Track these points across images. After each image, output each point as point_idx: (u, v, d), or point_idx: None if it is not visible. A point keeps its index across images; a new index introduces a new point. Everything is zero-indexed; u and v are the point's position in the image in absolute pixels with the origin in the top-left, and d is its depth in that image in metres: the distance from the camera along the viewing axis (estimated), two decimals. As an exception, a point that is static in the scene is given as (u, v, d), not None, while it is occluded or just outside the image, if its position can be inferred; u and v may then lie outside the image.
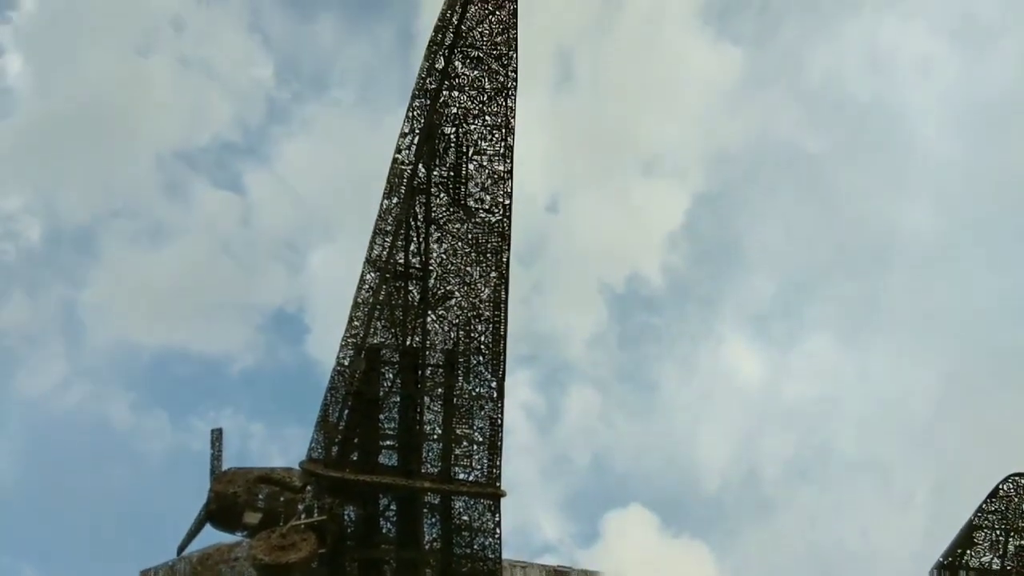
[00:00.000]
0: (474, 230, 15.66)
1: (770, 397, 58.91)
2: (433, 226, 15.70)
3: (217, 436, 19.40)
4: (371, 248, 15.86)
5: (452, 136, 15.80)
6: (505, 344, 15.96)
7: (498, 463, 16.42)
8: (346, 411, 16.70)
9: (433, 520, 17.08)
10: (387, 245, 15.79)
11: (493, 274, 15.67)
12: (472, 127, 15.77)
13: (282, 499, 18.09)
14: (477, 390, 16.25)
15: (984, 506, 17.19)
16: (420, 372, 16.45)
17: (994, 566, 17.03)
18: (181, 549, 18.94)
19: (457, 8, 15.36)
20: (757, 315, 60.07)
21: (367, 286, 16.00)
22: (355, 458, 17.04)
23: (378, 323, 16.25)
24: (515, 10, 15.39)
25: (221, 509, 18.38)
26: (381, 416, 16.81)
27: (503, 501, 16.73)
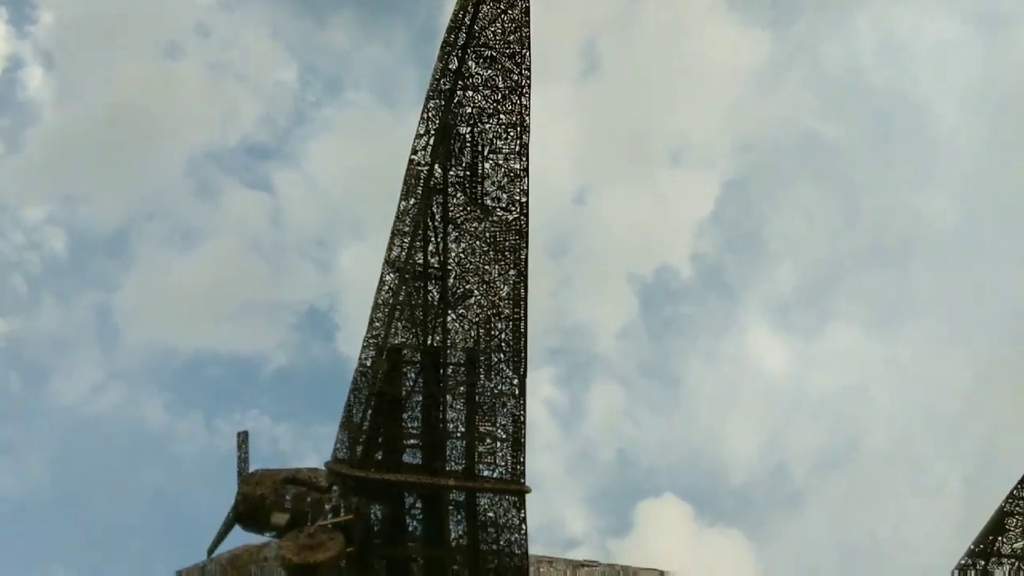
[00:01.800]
0: (492, 228, 15.72)
1: (796, 388, 58.42)
2: (451, 226, 15.78)
3: (243, 439, 19.65)
4: (390, 249, 15.97)
5: (467, 136, 15.85)
6: (526, 341, 16.01)
7: (522, 459, 16.47)
8: (369, 411, 16.82)
9: (459, 517, 17.18)
10: (405, 246, 15.88)
11: (512, 272, 15.71)
12: (487, 126, 15.81)
13: (309, 500, 18.28)
14: (499, 387, 16.31)
15: (1015, 492, 16.96)
16: (442, 371, 16.54)
17: (1026, 553, 16.81)
18: (211, 551, 19.21)
19: (469, 8, 15.40)
20: (781, 305, 59.63)
21: (387, 287, 16.12)
22: (380, 457, 17.18)
23: (399, 323, 16.36)
24: (527, 8, 15.40)
25: (249, 511, 18.61)
26: (404, 415, 16.93)
27: (528, 497, 16.81)
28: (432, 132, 15.88)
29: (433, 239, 15.89)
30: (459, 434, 16.70)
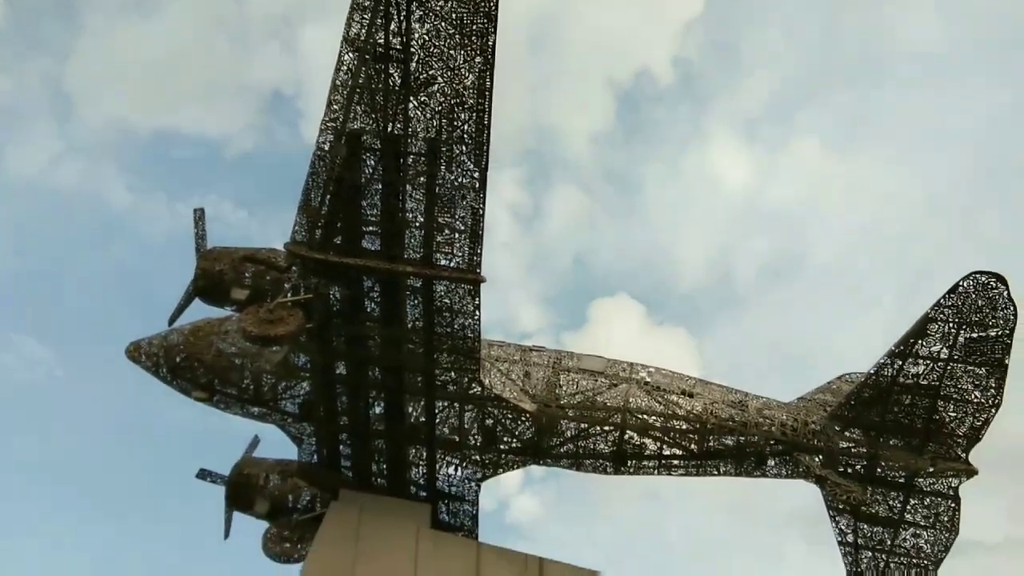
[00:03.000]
0: (459, 9, 14.51)
1: (753, 201, 59.21)
2: (415, 3, 14.54)
3: (200, 215, 19.45)
4: (348, 25, 14.78)
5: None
6: (489, 134, 15.51)
7: (479, 251, 16.67)
8: (328, 196, 16.57)
9: (415, 302, 17.68)
10: (366, 23, 14.69)
11: (478, 59, 14.81)
12: None
13: (268, 278, 18.54)
14: (460, 180, 16.04)
15: (942, 301, 17.87)
16: (402, 160, 16.11)
17: (942, 355, 18.14)
18: (172, 321, 19.68)
19: None
20: (749, 119, 58.60)
21: (345, 68, 15.13)
22: (338, 242, 17.22)
23: (358, 108, 15.60)
24: None
25: (208, 285, 18.86)
26: (363, 202, 16.72)
27: (485, 296, 17.28)
28: None
29: (395, 17, 14.70)
30: (418, 224, 16.66)
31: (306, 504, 21.08)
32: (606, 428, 19.13)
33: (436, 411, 19.20)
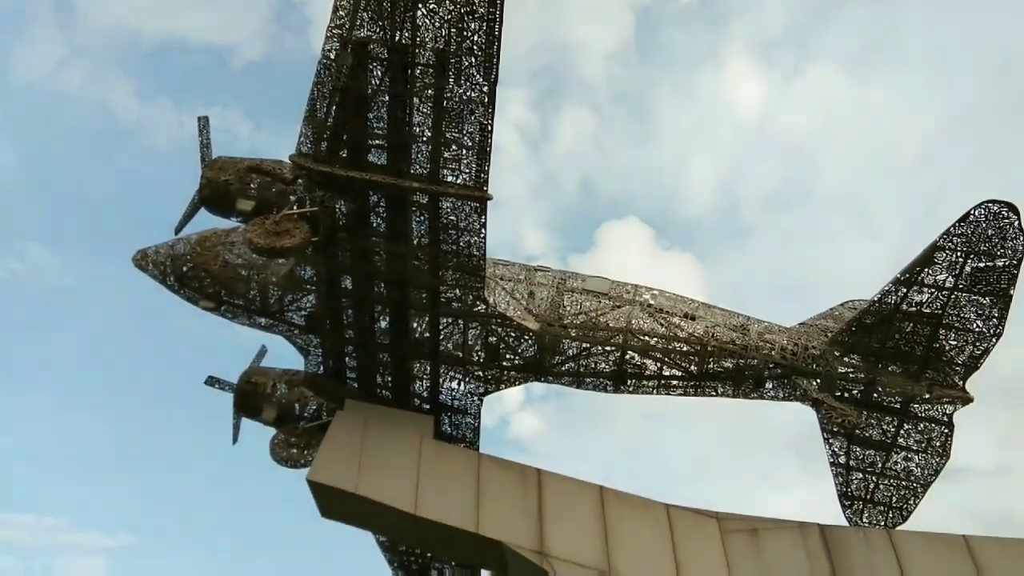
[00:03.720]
0: (470, -89, 13.91)
1: (764, 127, 57.99)
2: (424, -96, 13.93)
3: (204, 123, 19.22)
4: (355, -73, 14.23)
5: None
6: (500, 46, 15.08)
7: (486, 168, 16.48)
8: (334, 107, 16.30)
9: (421, 218, 17.60)
10: (373, -76, 14.13)
11: (489, -35, 14.28)
12: None
13: (274, 190, 18.48)
14: (468, 94, 15.70)
15: (952, 229, 17.76)
16: (409, 71, 15.74)
17: (947, 284, 18.14)
18: (178, 230, 19.73)
19: None
20: (766, 41, 56.72)
21: (352, -29, 14.64)
22: (344, 155, 17.03)
23: (365, 14, 15.14)
24: None
25: (213, 195, 18.85)
26: (369, 115, 16.44)
27: (491, 216, 17.17)
28: None
29: (404, -82, 14.12)
30: (425, 138, 16.43)
31: (312, 413, 21.58)
32: (608, 348, 19.35)
33: (440, 327, 19.39)
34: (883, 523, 19.76)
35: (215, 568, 57.69)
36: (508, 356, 19.80)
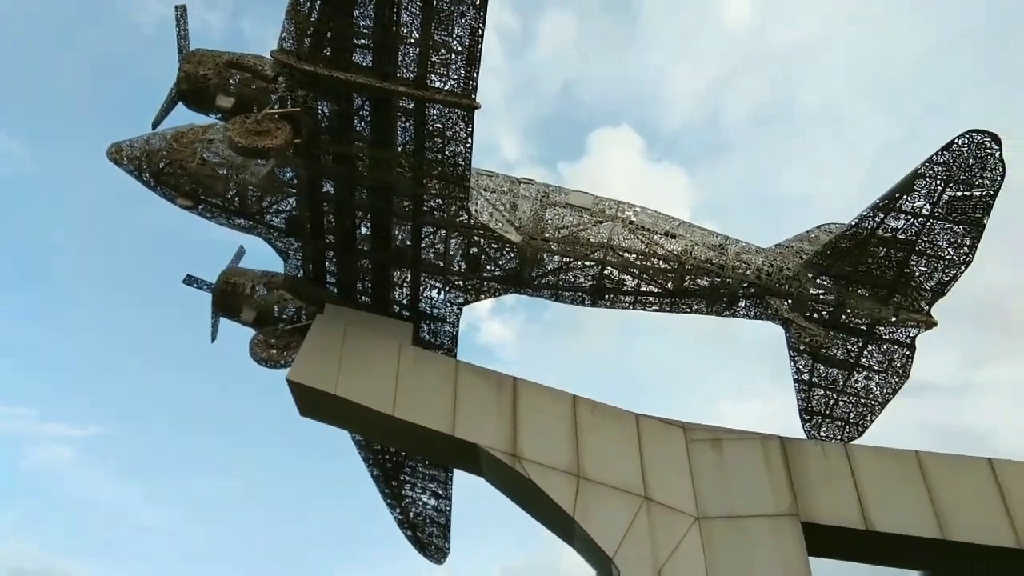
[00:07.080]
0: None
1: (751, 40, 56.54)
2: None
3: (182, 12, 18.39)
4: None
5: None
6: (493, -54, 14.51)
7: (475, 75, 16.09)
8: (318, 2, 15.68)
9: (407, 124, 17.27)
10: None
11: None
12: None
13: (254, 87, 17.92)
14: (459, -5, 15.18)
15: (934, 157, 17.90)
16: (398, -32, 15.11)
17: (923, 211, 18.42)
18: (155, 125, 19.15)
19: None
20: None
21: None
22: (328, 54, 16.50)
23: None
24: None
25: (192, 90, 18.25)
26: (356, 12, 15.85)
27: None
28: None
29: None
30: (412, 40, 15.94)
31: (292, 315, 21.70)
32: (587, 263, 19.54)
33: (422, 236, 19.37)
34: (840, 437, 20.72)
35: (182, 459, 58.95)
36: (489, 267, 19.92)
